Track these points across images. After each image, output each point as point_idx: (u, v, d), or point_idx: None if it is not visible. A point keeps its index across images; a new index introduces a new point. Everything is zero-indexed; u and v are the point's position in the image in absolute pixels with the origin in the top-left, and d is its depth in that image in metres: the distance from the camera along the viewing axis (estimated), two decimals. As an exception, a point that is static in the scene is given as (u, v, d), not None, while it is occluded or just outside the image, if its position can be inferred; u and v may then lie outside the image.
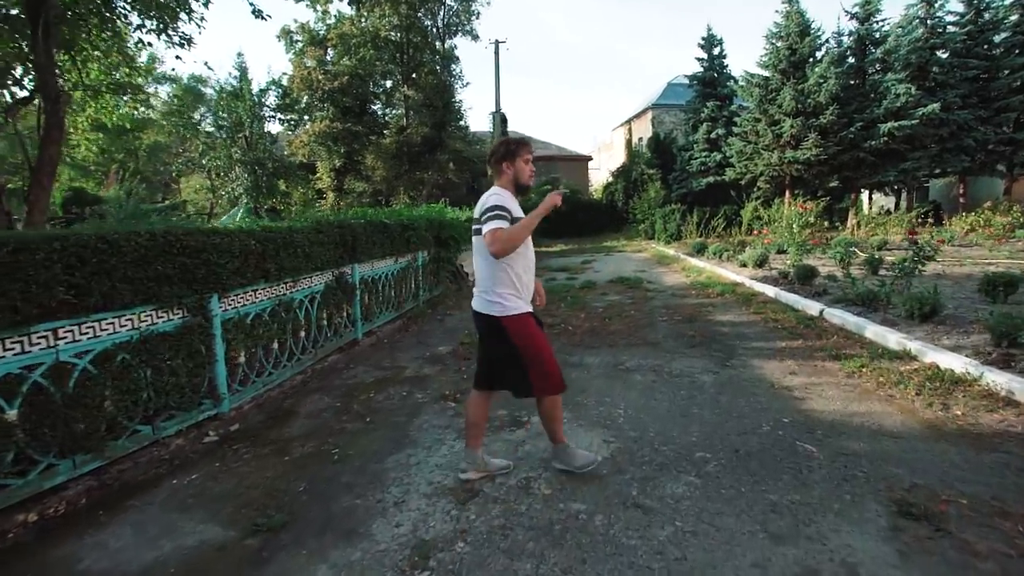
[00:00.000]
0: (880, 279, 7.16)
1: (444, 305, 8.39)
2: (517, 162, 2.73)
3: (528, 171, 2.77)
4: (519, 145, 2.79)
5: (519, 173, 2.75)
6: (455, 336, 6.24)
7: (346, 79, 23.91)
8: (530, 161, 2.77)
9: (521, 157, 2.74)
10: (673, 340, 5.59)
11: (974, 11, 20.23)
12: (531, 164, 2.77)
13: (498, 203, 2.59)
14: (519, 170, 2.74)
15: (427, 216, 8.51)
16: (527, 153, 2.77)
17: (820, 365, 4.53)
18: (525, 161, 2.75)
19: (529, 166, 2.77)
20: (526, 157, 2.75)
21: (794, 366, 4.54)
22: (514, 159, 2.73)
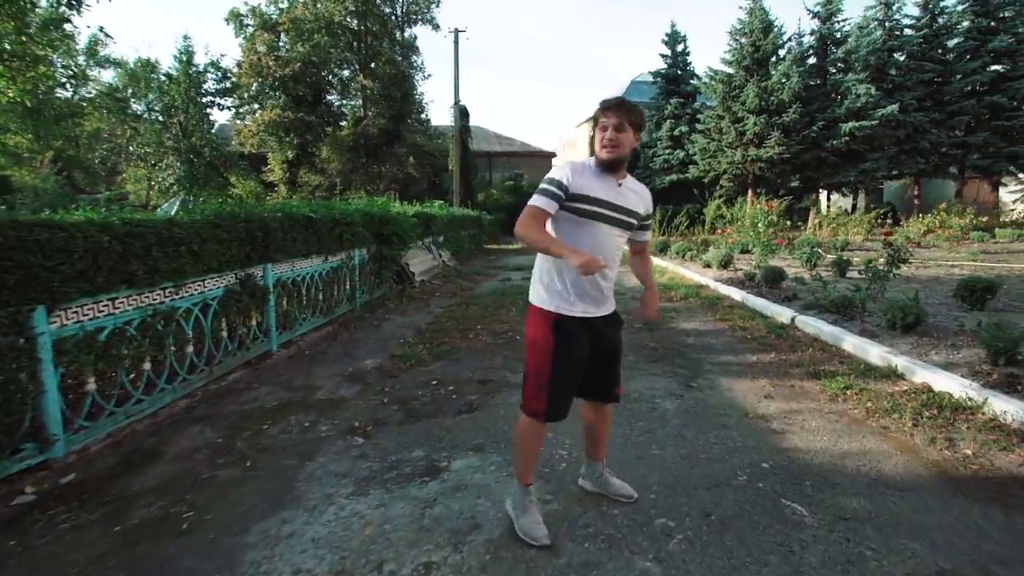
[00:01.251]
0: (852, 283, 6.70)
1: (384, 309, 7.56)
2: (597, 129, 2.12)
3: (600, 140, 2.09)
4: (599, 108, 2.11)
5: (595, 142, 2.13)
6: (388, 345, 5.44)
7: (299, 66, 22.63)
8: (607, 128, 2.06)
9: (598, 124, 2.11)
10: (632, 353, 4.93)
11: (929, 15, 20.53)
12: (608, 132, 2.06)
13: (553, 175, 2.09)
14: (596, 139, 2.12)
15: (366, 210, 7.65)
16: (603, 117, 2.08)
17: (798, 385, 3.94)
18: (601, 128, 2.09)
19: (604, 134, 2.07)
20: (601, 123, 2.09)
21: (768, 387, 3.93)
22: (595, 124, 2.13)
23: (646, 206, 2.25)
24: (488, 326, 6.21)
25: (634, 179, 2.24)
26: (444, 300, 8.19)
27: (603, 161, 2.08)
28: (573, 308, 2.11)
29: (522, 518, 2.24)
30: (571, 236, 2.08)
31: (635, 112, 2.05)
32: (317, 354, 5.32)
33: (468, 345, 5.41)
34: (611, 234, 2.12)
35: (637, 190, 2.22)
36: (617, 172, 2.12)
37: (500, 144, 38.19)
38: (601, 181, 2.10)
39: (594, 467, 2.52)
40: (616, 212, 2.10)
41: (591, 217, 2.07)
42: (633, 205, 2.16)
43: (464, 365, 4.71)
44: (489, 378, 4.30)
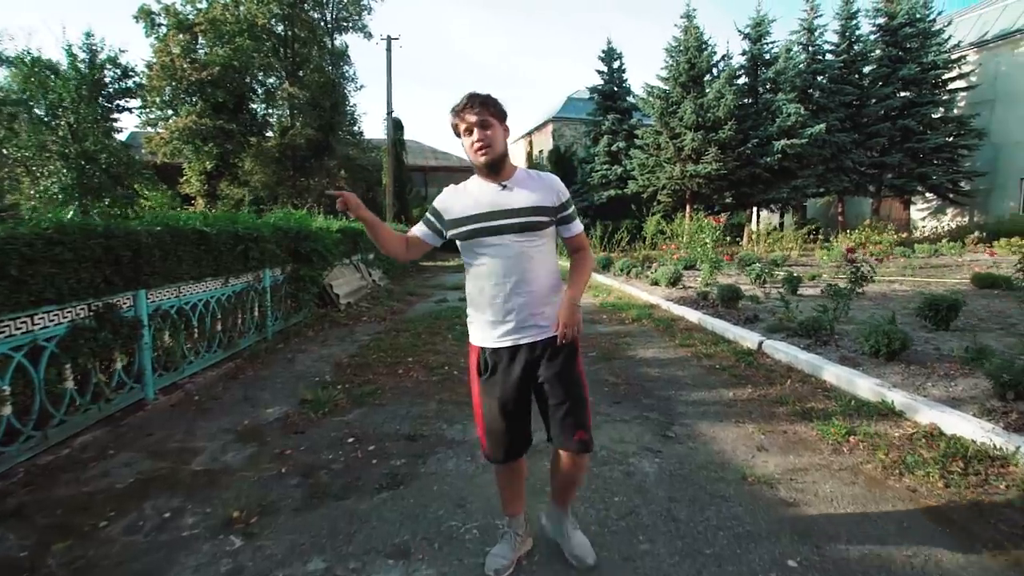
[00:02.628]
0: (808, 301, 6.33)
1: (302, 338, 6.49)
2: (463, 135, 1.88)
3: (470, 145, 1.86)
4: (454, 112, 1.88)
5: (467, 150, 1.90)
6: (300, 386, 4.44)
7: (218, 70, 20.88)
8: (471, 130, 1.84)
9: (461, 129, 1.87)
10: (592, 391, 4.20)
11: (847, 42, 21.67)
12: (474, 134, 1.84)
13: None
14: (466, 146, 1.89)
15: (279, 225, 6.60)
16: (463, 121, 1.85)
17: (791, 431, 3.32)
18: (466, 132, 1.86)
19: (471, 137, 1.85)
20: (464, 127, 1.86)
21: (758, 433, 3.29)
22: (457, 130, 1.89)
23: (552, 195, 1.91)
24: (420, 358, 5.32)
25: (529, 171, 1.96)
26: (372, 326, 7.21)
27: (482, 166, 1.86)
28: (491, 339, 1.90)
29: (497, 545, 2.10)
30: (471, 261, 1.94)
31: (493, 102, 1.84)
32: (208, 400, 4.24)
33: (396, 384, 4.51)
34: (510, 244, 1.84)
35: (532, 181, 1.91)
36: (500, 174, 1.89)
37: (436, 159, 37.34)
38: (481, 191, 1.90)
39: (557, 515, 2.15)
40: (506, 218, 1.84)
41: (475, 236, 1.88)
42: (530, 201, 1.86)
43: (390, 413, 3.81)
44: (420, 432, 3.43)
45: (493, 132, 1.83)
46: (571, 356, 1.94)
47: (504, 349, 1.89)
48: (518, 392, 1.90)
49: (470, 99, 1.83)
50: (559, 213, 1.94)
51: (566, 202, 1.96)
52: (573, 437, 1.89)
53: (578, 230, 2.03)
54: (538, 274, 1.89)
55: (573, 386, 1.91)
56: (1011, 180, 22.16)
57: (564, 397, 1.89)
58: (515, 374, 1.88)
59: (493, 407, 1.91)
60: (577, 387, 1.93)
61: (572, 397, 1.90)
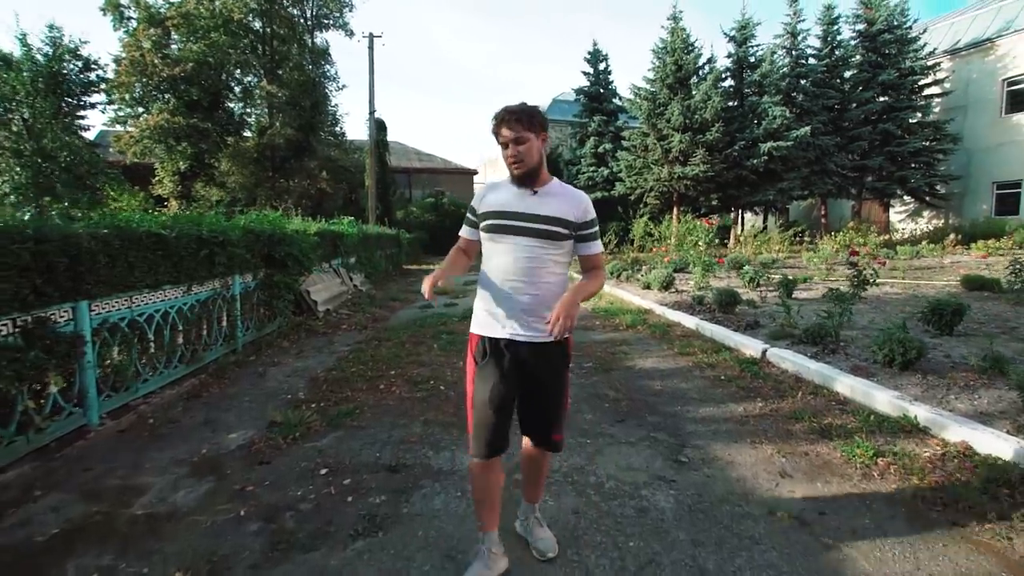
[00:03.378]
0: (803, 304, 6.09)
1: (275, 349, 6.06)
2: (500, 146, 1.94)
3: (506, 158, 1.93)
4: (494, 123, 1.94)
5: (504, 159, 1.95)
6: (269, 405, 4.03)
7: (191, 67, 20.17)
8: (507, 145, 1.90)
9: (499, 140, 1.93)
10: (590, 408, 3.87)
11: (829, 47, 21.81)
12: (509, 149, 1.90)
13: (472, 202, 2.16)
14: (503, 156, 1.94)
15: (251, 227, 6.15)
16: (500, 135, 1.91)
17: (812, 453, 3.02)
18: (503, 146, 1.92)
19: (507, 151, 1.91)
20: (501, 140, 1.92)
21: (777, 456, 2.99)
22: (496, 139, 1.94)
23: (576, 211, 1.94)
24: (404, 371, 4.94)
25: (564, 184, 2.02)
26: (352, 335, 6.80)
27: (515, 178, 1.95)
28: (491, 329, 1.98)
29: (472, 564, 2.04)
30: (488, 252, 2.02)
31: (530, 116, 1.88)
32: (164, 424, 3.81)
33: (377, 402, 4.12)
34: (527, 245, 1.91)
35: (562, 195, 1.96)
36: (534, 182, 1.95)
37: (420, 160, 36.87)
38: (512, 192, 1.98)
39: (524, 508, 2.27)
40: (528, 221, 1.91)
41: (497, 231, 1.96)
42: (553, 211, 1.91)
43: (369, 437, 3.43)
44: (403, 460, 3.06)
45: (528, 147, 1.88)
46: (562, 364, 2.02)
47: (502, 341, 1.95)
48: (507, 385, 1.95)
49: (507, 114, 1.88)
50: (579, 230, 1.97)
51: (589, 221, 1.98)
52: (553, 437, 2.04)
53: (595, 251, 2.03)
54: (547, 280, 1.94)
55: (559, 392, 2.02)
56: (983, 184, 22.53)
57: (549, 400, 2.00)
58: (508, 367, 1.94)
59: (483, 395, 1.95)
60: (562, 393, 2.04)
61: (556, 402, 2.02)
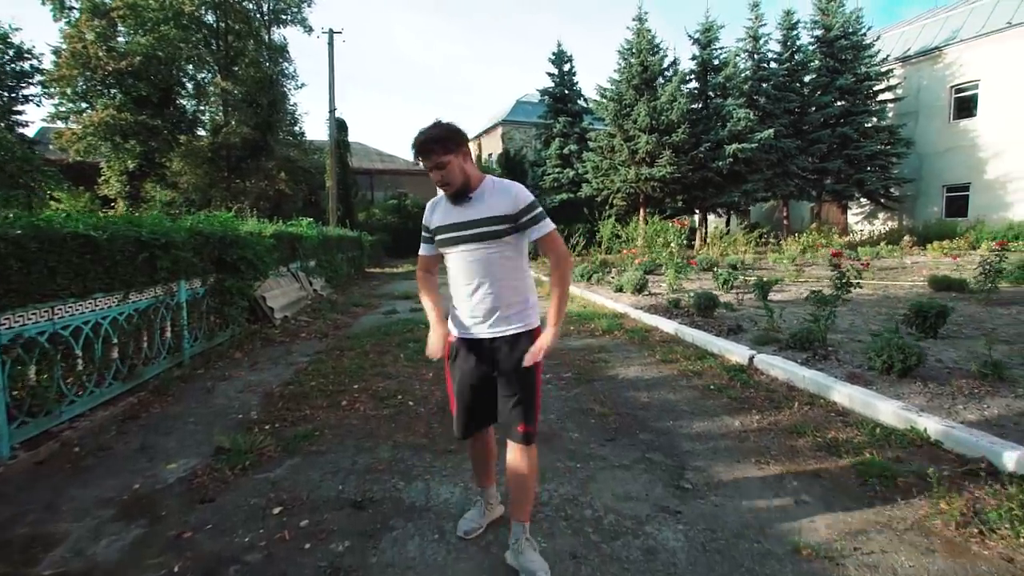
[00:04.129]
0: (810, 313, 5.94)
1: (227, 361, 5.53)
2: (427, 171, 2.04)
3: (435, 182, 2.02)
4: (414, 153, 2.00)
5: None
6: (217, 427, 3.56)
7: (139, 60, 19.05)
8: (431, 170, 1.98)
9: (423, 165, 2.00)
10: (575, 425, 3.54)
11: (789, 52, 22.26)
12: (433, 174, 1.99)
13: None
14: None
15: (198, 229, 5.60)
16: (422, 163, 1.99)
17: (824, 473, 2.76)
18: (428, 171, 2.00)
19: (433, 176, 2.00)
20: (425, 166, 1.99)
21: (787, 478, 2.72)
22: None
23: (508, 203, 1.99)
24: (368, 385, 4.51)
25: (496, 180, 2.08)
26: (311, 344, 6.31)
27: (448, 197, 2.05)
28: (459, 330, 2.12)
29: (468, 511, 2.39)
30: (447, 263, 2.14)
31: (441, 140, 1.92)
32: (92, 454, 3.29)
33: (339, 421, 3.69)
34: (472, 250, 2.01)
35: (491, 192, 2.03)
36: (465, 196, 2.02)
37: (382, 161, 36.12)
38: (448, 206, 2.07)
39: (514, 529, 2.14)
40: (468, 228, 2.00)
41: (446, 244, 2.07)
42: (485, 212, 1.99)
43: (330, 464, 3.01)
44: (370, 494, 2.66)
45: (449, 168, 1.95)
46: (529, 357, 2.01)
47: (468, 340, 2.09)
48: (477, 380, 2.08)
49: (421, 145, 1.93)
50: (519, 218, 2.00)
51: (526, 207, 2.00)
52: (517, 428, 2.05)
53: (545, 231, 2.04)
54: (501, 277, 2.02)
55: (525, 384, 2.04)
56: (933, 187, 23.40)
57: (514, 391, 2.04)
58: (474, 363, 2.08)
59: (459, 385, 2.13)
60: (529, 386, 2.05)
61: (522, 393, 2.04)
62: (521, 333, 2.04)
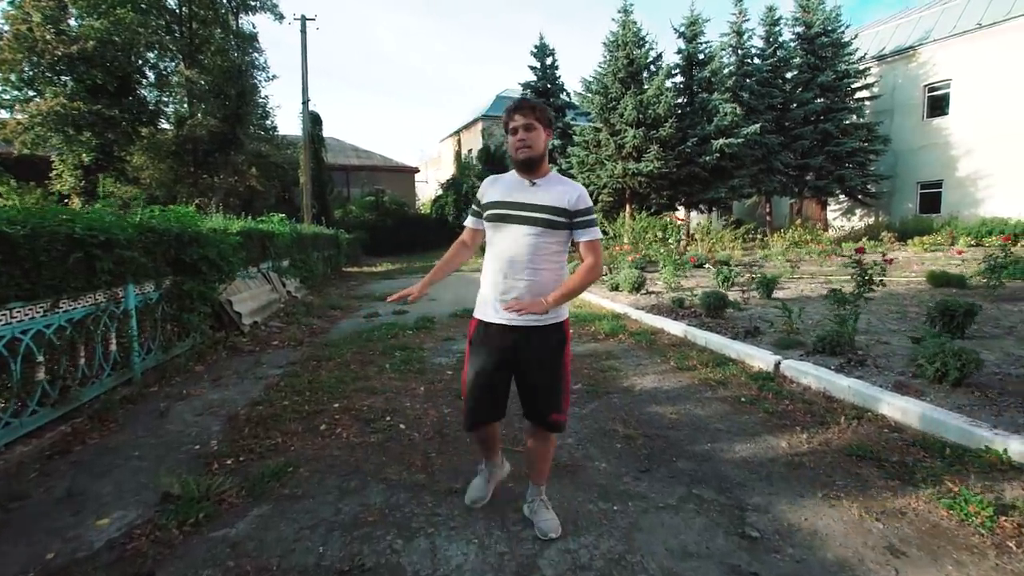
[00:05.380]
0: (835, 314, 5.55)
1: (186, 375, 4.87)
2: (508, 134, 2.07)
3: (512, 143, 2.05)
4: (506, 112, 2.07)
5: (509, 147, 2.09)
6: (166, 464, 2.94)
7: (92, 45, 17.87)
8: (517, 131, 2.02)
9: (508, 128, 2.07)
10: (600, 452, 3.02)
11: (772, 48, 22.15)
12: (519, 134, 2.02)
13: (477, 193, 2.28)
14: (509, 143, 2.09)
15: (151, 225, 4.91)
16: (512, 121, 2.04)
17: (910, 511, 2.29)
18: (512, 132, 2.04)
19: (515, 137, 2.03)
20: (511, 127, 2.05)
21: (869, 520, 2.24)
22: (505, 129, 2.09)
23: (571, 200, 2.03)
24: (350, 403, 3.93)
25: (560, 176, 2.12)
26: (284, 353, 5.67)
27: (518, 162, 2.06)
28: (487, 313, 2.11)
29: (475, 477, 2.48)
30: (490, 240, 2.13)
31: (541, 109, 2.04)
32: (2, 504, 2.64)
33: (317, 452, 3.11)
34: (525, 233, 2.02)
35: (559, 184, 2.07)
36: (534, 172, 2.07)
37: (358, 157, 35.15)
38: (513, 184, 2.10)
39: (531, 490, 2.29)
40: (526, 211, 2.02)
41: (498, 220, 2.07)
42: (551, 200, 2.02)
43: (307, 515, 2.43)
44: (361, 559, 2.08)
45: (535, 135, 2.01)
46: (559, 347, 2.08)
47: (496, 325, 2.08)
48: (497, 368, 2.08)
49: (522, 101, 2.04)
50: (575, 218, 2.04)
51: (584, 209, 2.04)
52: (550, 417, 2.09)
53: (590, 237, 2.07)
54: (542, 268, 2.04)
55: (555, 373, 2.07)
56: (908, 184, 23.66)
57: (544, 382, 2.07)
58: (500, 351, 2.06)
59: (472, 374, 2.11)
60: (560, 375, 2.08)
61: (553, 384, 2.07)
62: (553, 324, 2.07)
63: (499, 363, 2.07)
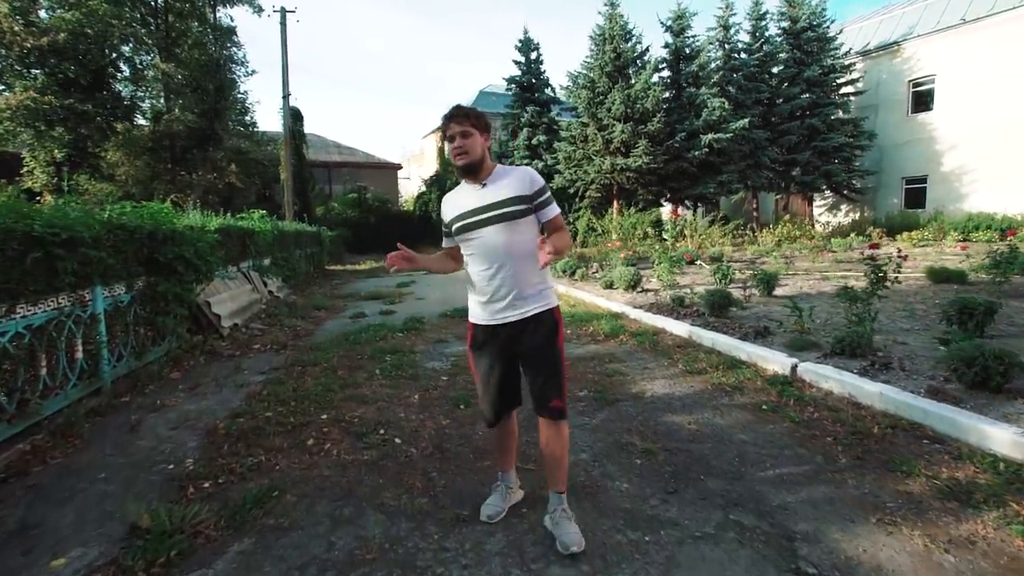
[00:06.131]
0: (853, 313, 5.34)
1: (161, 383, 4.50)
2: (447, 142, 2.12)
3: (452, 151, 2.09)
4: (443, 120, 2.13)
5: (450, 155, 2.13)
6: (134, 490, 2.61)
7: (63, 37, 17.16)
8: (454, 138, 2.06)
9: (446, 137, 2.09)
10: (619, 469, 2.75)
11: (759, 42, 22.08)
12: (456, 141, 2.06)
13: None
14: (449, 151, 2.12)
15: (119, 221, 4.53)
16: (448, 129, 2.07)
17: (979, 539, 2.04)
18: (450, 140, 2.08)
19: (453, 144, 2.07)
20: (448, 135, 2.07)
21: (936, 551, 1.98)
22: (443, 138, 2.13)
23: (524, 185, 2.07)
24: (339, 413, 3.61)
25: (505, 166, 2.14)
26: (266, 358, 5.32)
27: (459, 168, 2.10)
28: (480, 317, 2.16)
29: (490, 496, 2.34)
30: (465, 251, 2.17)
31: (477, 115, 2.07)
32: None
33: (304, 471, 2.79)
34: (494, 232, 2.05)
35: (507, 175, 2.10)
36: (478, 175, 2.09)
37: (340, 154, 34.51)
38: (465, 194, 2.13)
39: (552, 499, 2.21)
40: (485, 212, 2.05)
41: (463, 232, 2.11)
42: (503, 194, 2.06)
43: (296, 551, 2.12)
44: (359, 607, 1.79)
45: (471, 140, 2.03)
46: (551, 334, 2.12)
47: (490, 326, 2.13)
48: (502, 363, 2.15)
49: (456, 109, 2.06)
50: (535, 200, 2.08)
51: (540, 189, 2.09)
52: (548, 404, 2.10)
53: (555, 213, 2.14)
54: (521, 259, 2.06)
55: (549, 361, 2.11)
56: (893, 179, 23.81)
57: (540, 370, 2.11)
58: (499, 348, 2.13)
59: (482, 376, 2.20)
60: (554, 362, 2.12)
61: (548, 370, 2.10)
62: (542, 312, 2.11)
63: (502, 359, 2.14)
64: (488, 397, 2.20)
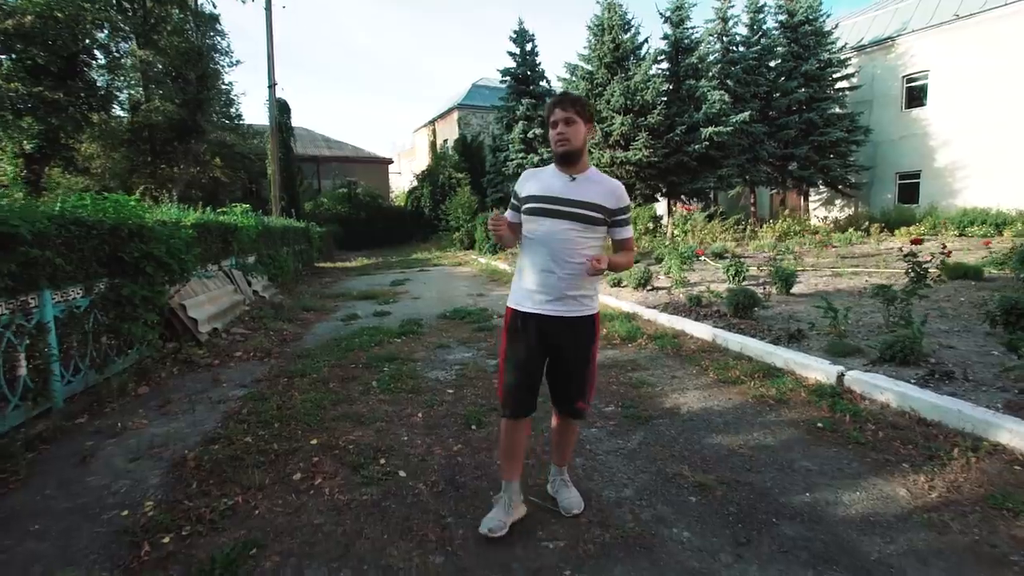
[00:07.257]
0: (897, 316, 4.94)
1: (125, 400, 3.97)
2: (549, 127, 2.11)
3: (552, 136, 2.07)
4: (549, 105, 2.11)
5: (550, 139, 2.11)
6: (79, 539, 2.11)
7: (30, 20, 16.31)
8: (557, 124, 2.05)
9: (549, 121, 2.09)
10: (674, 512, 2.29)
11: (757, 36, 21.75)
12: (559, 128, 2.05)
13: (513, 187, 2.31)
14: (550, 136, 2.10)
15: (75, 215, 3.98)
16: (552, 114, 2.07)
17: None
18: (552, 125, 2.08)
19: (555, 130, 2.06)
20: (552, 120, 2.07)
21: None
22: (547, 122, 2.13)
23: (612, 199, 2.09)
24: (332, 436, 3.11)
25: (601, 173, 2.17)
26: (249, 368, 4.79)
27: (557, 155, 2.10)
28: (524, 304, 2.13)
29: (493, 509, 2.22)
30: (528, 233, 2.14)
31: (583, 104, 2.06)
32: None
33: (290, 520, 2.30)
34: (564, 228, 2.04)
35: (599, 182, 2.11)
36: (572, 166, 2.10)
37: (329, 148, 33.73)
38: (553, 178, 2.12)
39: (553, 471, 2.41)
40: (565, 206, 2.05)
41: (535, 213, 2.10)
42: (590, 197, 2.06)
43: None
44: None
45: (575, 129, 2.03)
46: (590, 339, 2.15)
47: (533, 315, 2.10)
48: (535, 355, 2.12)
49: (564, 95, 2.11)
50: (614, 216, 2.10)
51: (623, 208, 2.12)
52: (577, 405, 2.20)
53: (628, 235, 2.17)
54: (579, 262, 2.04)
55: (584, 364, 2.15)
56: (888, 174, 23.68)
57: (575, 372, 2.15)
58: (537, 339, 2.10)
59: (513, 362, 2.15)
60: (587, 366, 2.17)
61: (581, 374, 2.16)
62: (586, 316, 2.11)
63: (537, 352, 2.12)
64: (511, 386, 2.14)
